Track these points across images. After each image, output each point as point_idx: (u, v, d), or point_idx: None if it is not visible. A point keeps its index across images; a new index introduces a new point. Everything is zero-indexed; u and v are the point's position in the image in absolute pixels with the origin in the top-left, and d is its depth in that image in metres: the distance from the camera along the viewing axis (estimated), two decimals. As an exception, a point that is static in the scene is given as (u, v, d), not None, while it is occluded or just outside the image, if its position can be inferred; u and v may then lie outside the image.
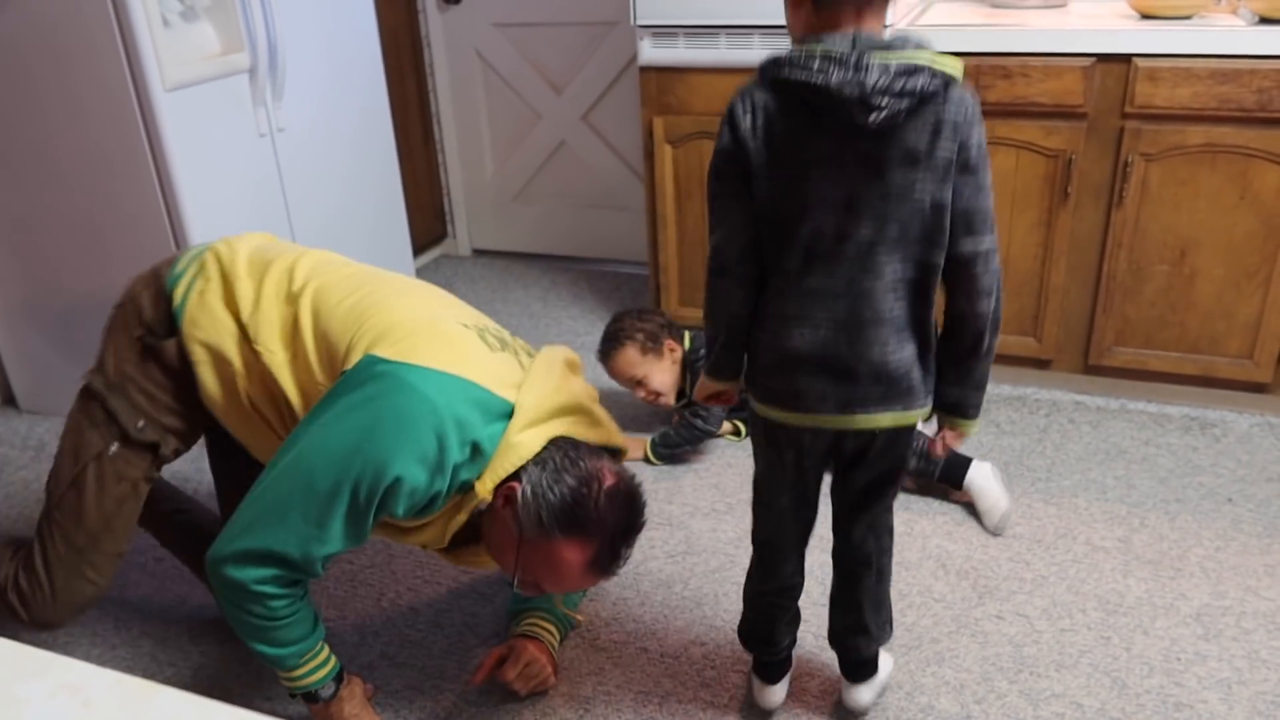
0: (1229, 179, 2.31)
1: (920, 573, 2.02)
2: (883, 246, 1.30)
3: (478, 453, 1.42)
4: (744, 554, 2.09)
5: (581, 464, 1.47)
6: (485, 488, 1.45)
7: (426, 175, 3.76)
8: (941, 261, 1.32)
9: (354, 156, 2.93)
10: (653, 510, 2.26)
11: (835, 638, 1.66)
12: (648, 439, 2.45)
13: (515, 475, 1.46)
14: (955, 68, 1.26)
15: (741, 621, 1.70)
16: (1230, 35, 2.22)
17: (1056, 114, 2.38)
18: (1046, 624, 1.87)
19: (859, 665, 1.66)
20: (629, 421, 2.63)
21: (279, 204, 2.65)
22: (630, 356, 2.40)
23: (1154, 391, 2.60)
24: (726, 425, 2.51)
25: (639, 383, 2.42)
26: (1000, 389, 2.70)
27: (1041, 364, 2.65)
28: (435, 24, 3.60)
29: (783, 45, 2.54)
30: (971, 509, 2.20)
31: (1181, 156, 2.32)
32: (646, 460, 2.44)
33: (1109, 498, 2.23)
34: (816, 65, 1.22)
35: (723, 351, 1.46)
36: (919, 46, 1.24)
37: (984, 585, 1.98)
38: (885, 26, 1.30)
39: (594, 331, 3.17)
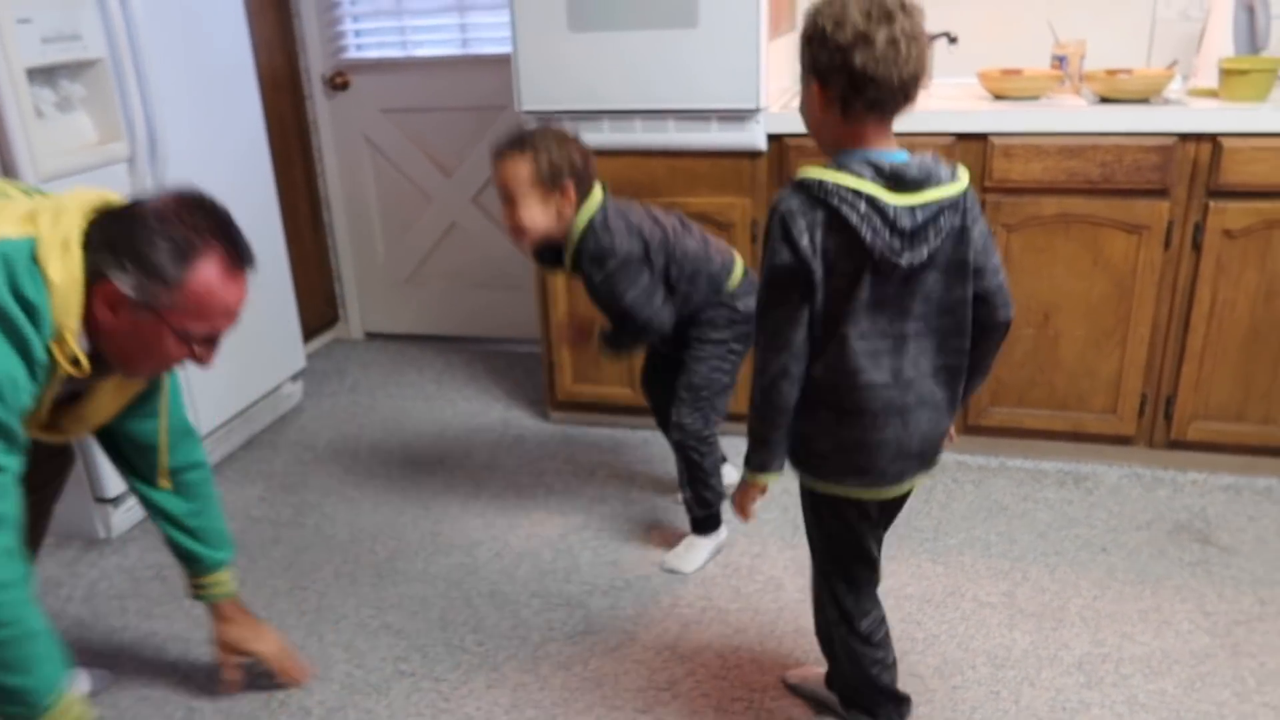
0: (1082, 246, 2.47)
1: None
2: (926, 341, 1.46)
3: (35, 308, 1.36)
4: (643, 630, 2.09)
5: (138, 210, 1.44)
6: (71, 319, 1.39)
7: (316, 259, 3.73)
8: (969, 346, 1.49)
9: (239, 243, 2.88)
10: (550, 590, 2.24)
11: None
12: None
13: (96, 281, 1.40)
14: (966, 175, 1.42)
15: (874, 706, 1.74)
16: (1073, 115, 2.40)
17: (923, 189, 2.51)
18: (939, 682, 1.91)
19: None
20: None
21: (159, 293, 2.58)
22: (519, 171, 2.04)
23: (1030, 449, 2.72)
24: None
25: (510, 203, 2.07)
26: (888, 452, 2.78)
27: (925, 426, 2.75)
28: (323, 110, 3.61)
29: (664, 129, 2.63)
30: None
31: (1039, 226, 2.48)
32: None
33: (992, 553, 2.31)
34: (863, 210, 1.35)
35: (775, 448, 1.54)
36: (953, 177, 1.39)
37: (879, 647, 2.02)
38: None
39: (490, 412, 3.17)
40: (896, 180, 1.36)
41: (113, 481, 2.46)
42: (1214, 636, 2.01)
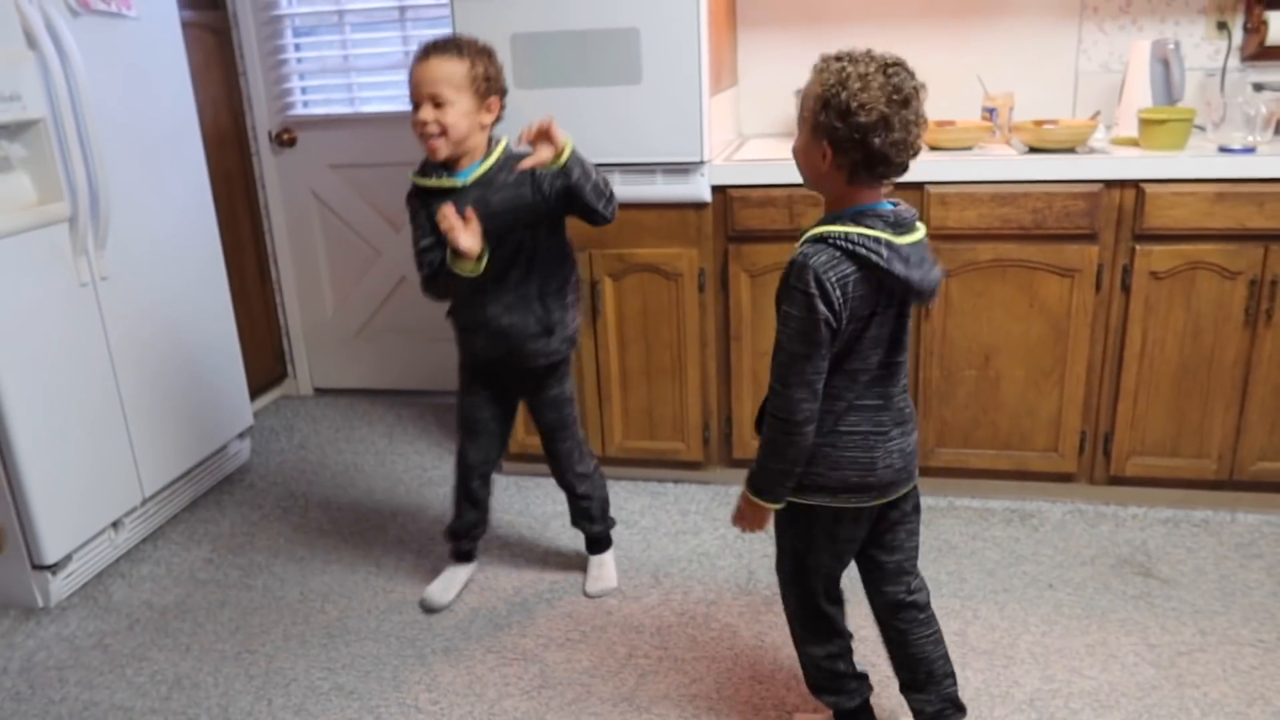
0: (1019, 289, 2.55)
1: (774, 685, 2.05)
2: (904, 364, 1.62)
3: None
4: (600, 683, 2.08)
5: None
6: None
7: (264, 315, 3.70)
8: None
9: (185, 301, 2.86)
10: (505, 644, 2.22)
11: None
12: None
13: None
14: None
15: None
16: (1005, 163, 2.49)
17: (864, 237, 2.58)
18: (895, 724, 1.93)
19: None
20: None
21: (102, 353, 2.55)
22: (454, 72, 1.97)
23: (976, 488, 2.78)
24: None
25: (435, 102, 1.97)
26: (838, 495, 2.81)
27: (874, 469, 2.79)
28: (269, 166, 3.61)
29: (609, 180, 2.67)
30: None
31: (976, 271, 2.55)
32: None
33: (943, 593, 2.34)
34: (885, 255, 1.46)
35: (787, 482, 1.60)
36: (917, 220, 1.55)
37: (834, 691, 2.03)
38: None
39: (442, 465, 3.15)
40: (898, 225, 1.49)
41: (52, 547, 2.40)
42: (1158, 669, 2.05)
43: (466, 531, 2.42)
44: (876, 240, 1.46)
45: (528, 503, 2.89)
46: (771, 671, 2.10)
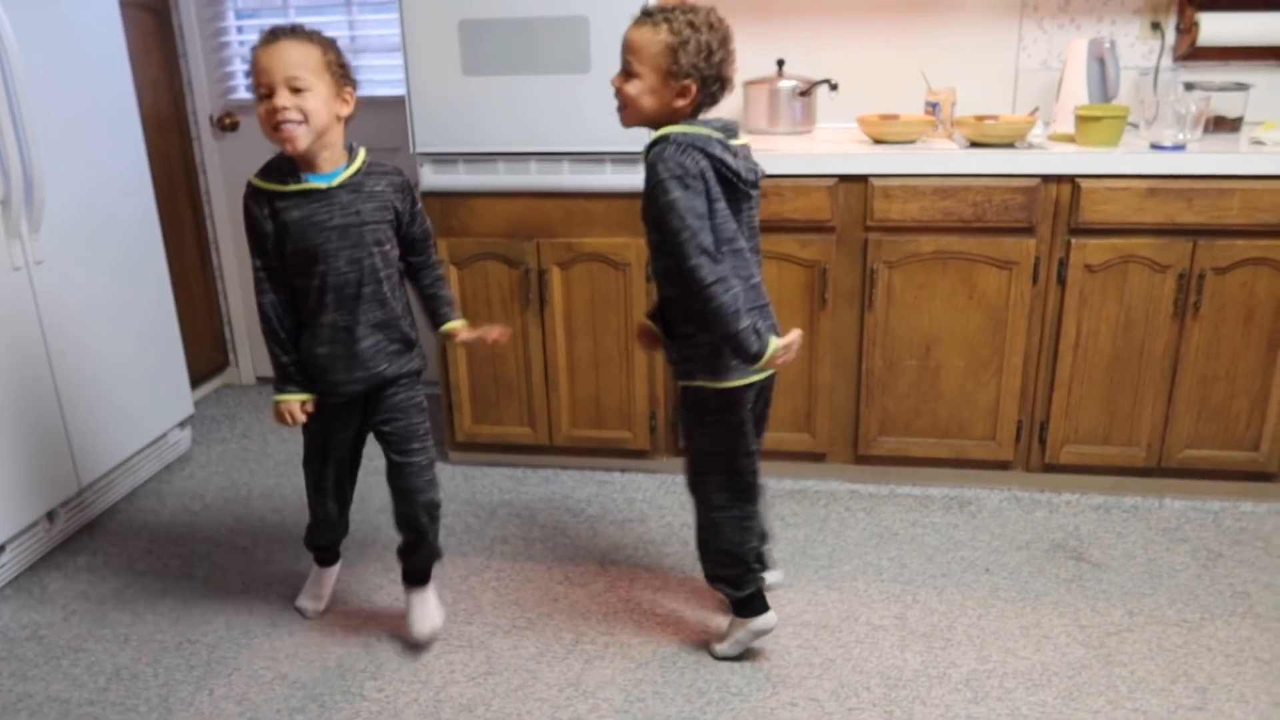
0: (959, 281, 2.60)
1: (717, 669, 2.08)
2: (760, 254, 1.97)
3: None
4: (546, 668, 2.09)
5: None
6: None
7: (205, 303, 3.64)
8: None
9: (122, 287, 2.80)
10: (451, 632, 2.22)
11: None
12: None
13: None
14: None
15: None
16: (946, 157, 2.54)
17: (809, 228, 2.61)
18: (835, 705, 1.97)
19: None
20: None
21: (36, 339, 2.49)
22: (309, 55, 1.82)
23: (917, 476, 2.83)
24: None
25: (292, 86, 1.79)
26: (783, 483, 2.86)
27: (817, 457, 2.84)
28: (210, 150, 3.54)
29: (558, 171, 2.67)
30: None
31: (918, 263, 2.60)
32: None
33: (884, 578, 2.39)
34: (719, 149, 1.79)
35: (755, 328, 1.82)
36: (739, 129, 1.90)
37: (777, 675, 2.06)
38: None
39: (388, 453, 3.12)
40: (726, 130, 1.83)
41: (-16, 538, 2.35)
42: (1089, 648, 2.12)
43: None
44: (709, 138, 1.79)
45: (474, 492, 2.88)
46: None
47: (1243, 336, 2.53)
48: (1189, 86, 2.65)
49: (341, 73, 1.89)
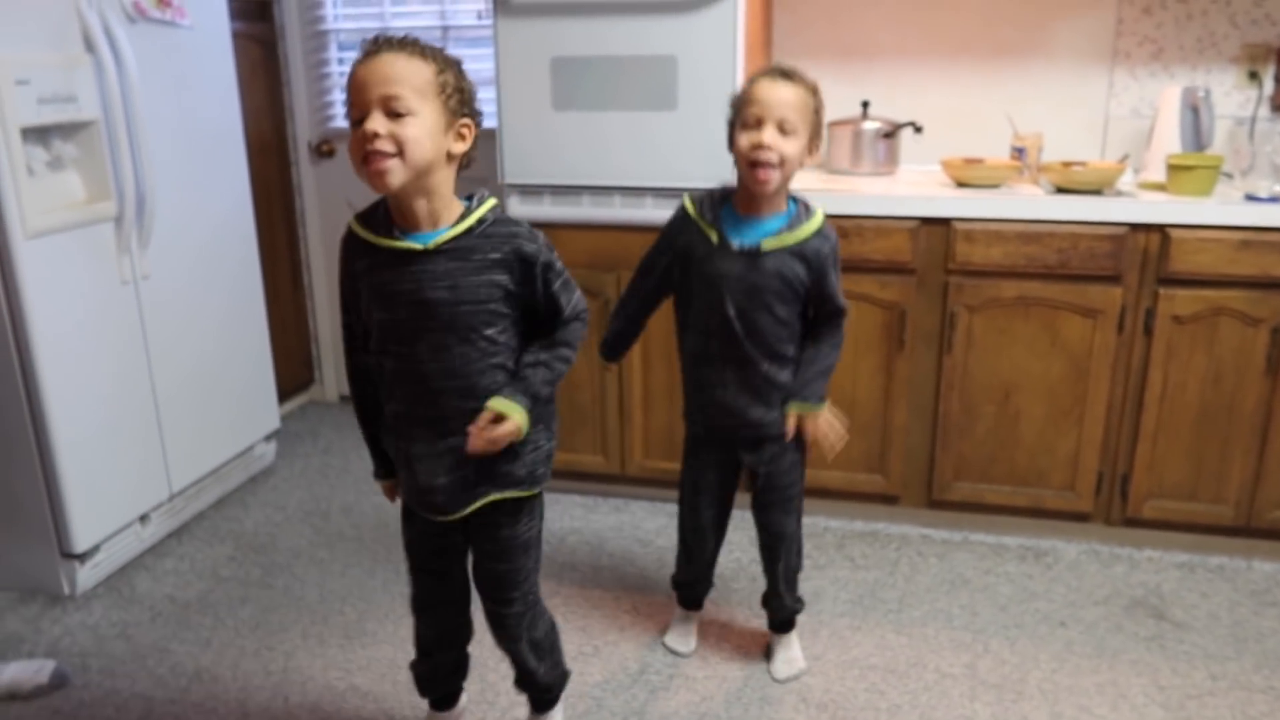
0: (1041, 328, 2.57)
1: (783, 708, 2.07)
2: None
3: None
4: (611, 696, 2.10)
5: None
6: None
7: (294, 322, 3.77)
8: None
9: (220, 303, 2.93)
10: (520, 654, 2.25)
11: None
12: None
13: None
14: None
15: None
16: (1031, 203, 2.52)
17: (889, 269, 2.61)
18: (902, 752, 1.94)
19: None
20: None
21: (139, 350, 2.61)
22: (416, 72, 1.44)
23: (992, 524, 2.79)
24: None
25: (389, 109, 1.42)
26: (854, 524, 2.84)
27: (890, 500, 2.81)
28: (308, 175, 3.69)
29: (641, 205, 2.72)
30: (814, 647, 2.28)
31: (999, 308, 2.58)
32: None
33: (955, 625, 2.36)
34: None
35: None
36: None
37: (843, 716, 2.04)
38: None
39: (462, 475, 3.18)
40: None
41: (82, 536, 2.46)
42: (1168, 710, 2.05)
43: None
44: None
45: (547, 517, 2.91)
46: (781, 694, 2.12)
47: (1340, 396, 2.45)
48: (1288, 138, 2.59)
49: (459, 99, 1.49)
